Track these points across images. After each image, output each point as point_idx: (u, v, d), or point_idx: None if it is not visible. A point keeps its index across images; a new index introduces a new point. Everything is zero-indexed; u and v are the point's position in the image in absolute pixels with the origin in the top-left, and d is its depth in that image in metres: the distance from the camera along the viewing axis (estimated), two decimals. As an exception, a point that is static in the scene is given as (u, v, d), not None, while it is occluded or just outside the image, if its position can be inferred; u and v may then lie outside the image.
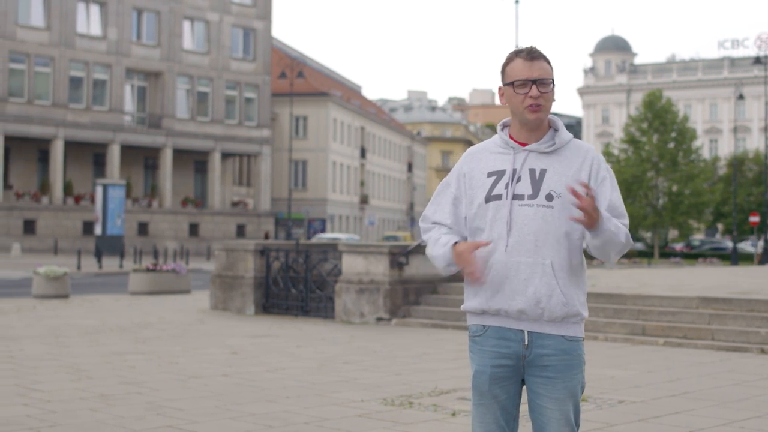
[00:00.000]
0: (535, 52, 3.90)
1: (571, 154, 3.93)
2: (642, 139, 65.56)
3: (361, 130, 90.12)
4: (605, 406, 8.71)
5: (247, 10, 67.37)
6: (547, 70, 3.89)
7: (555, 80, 3.94)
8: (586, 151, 3.96)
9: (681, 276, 23.82)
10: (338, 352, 12.77)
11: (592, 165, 3.93)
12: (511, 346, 3.86)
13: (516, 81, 3.87)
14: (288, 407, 8.54)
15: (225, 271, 19.55)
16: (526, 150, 3.91)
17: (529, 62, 3.87)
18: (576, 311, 3.85)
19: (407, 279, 17.12)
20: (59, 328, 15.46)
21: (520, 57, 3.90)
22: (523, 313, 3.82)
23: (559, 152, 3.92)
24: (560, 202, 3.83)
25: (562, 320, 3.85)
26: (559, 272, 3.83)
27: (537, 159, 3.90)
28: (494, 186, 3.89)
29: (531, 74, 3.86)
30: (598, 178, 3.92)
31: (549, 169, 3.87)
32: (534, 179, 3.86)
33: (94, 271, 37.75)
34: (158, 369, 10.89)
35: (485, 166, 3.95)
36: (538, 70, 3.86)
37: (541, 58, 3.89)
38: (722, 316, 13.95)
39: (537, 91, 3.85)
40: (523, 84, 3.86)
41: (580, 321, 3.90)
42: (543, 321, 3.84)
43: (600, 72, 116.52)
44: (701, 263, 49.12)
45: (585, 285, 3.96)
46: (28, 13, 56.38)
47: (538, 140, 3.93)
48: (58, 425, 7.68)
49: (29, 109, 56.00)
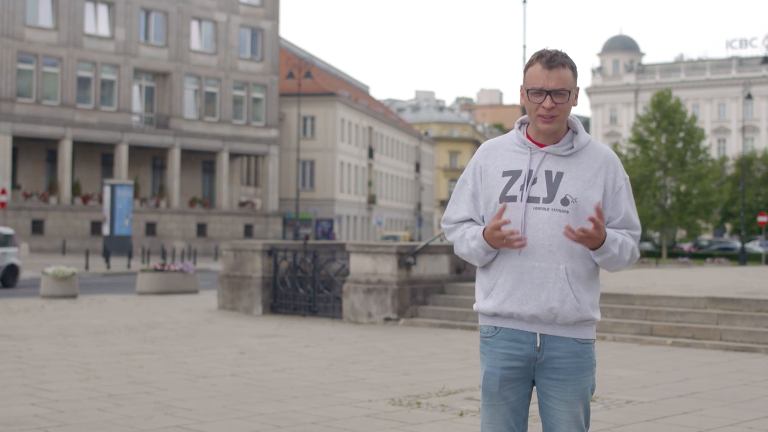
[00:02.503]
0: (555, 59, 3.76)
1: (589, 158, 3.84)
2: (650, 138, 65.45)
3: (368, 130, 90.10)
4: (613, 406, 8.70)
5: (255, 11, 67.40)
6: (566, 79, 3.75)
7: (576, 86, 3.81)
8: (605, 155, 3.87)
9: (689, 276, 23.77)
10: (346, 352, 12.77)
11: (609, 172, 3.84)
12: (523, 348, 3.82)
13: (531, 89, 3.77)
14: (296, 407, 8.55)
15: (233, 271, 19.56)
16: (544, 151, 3.83)
17: (547, 70, 3.75)
18: (589, 315, 3.81)
19: (415, 279, 17.12)
20: (67, 328, 15.48)
21: (540, 62, 3.77)
22: (535, 318, 3.78)
23: (576, 155, 3.84)
24: (575, 207, 3.76)
25: (575, 324, 3.81)
26: (573, 278, 3.78)
27: (554, 161, 3.82)
28: (509, 186, 3.80)
29: (547, 84, 3.73)
30: (615, 188, 3.84)
31: (566, 173, 3.79)
32: (550, 182, 3.79)
33: (102, 271, 37.81)
34: (166, 369, 10.90)
35: (501, 163, 3.86)
36: (555, 80, 3.73)
37: (562, 66, 3.75)
38: (730, 317, 13.93)
39: (551, 102, 3.74)
40: (538, 93, 3.75)
41: (592, 324, 3.86)
42: (556, 324, 3.80)
43: (608, 72, 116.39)
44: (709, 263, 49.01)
45: (599, 289, 3.91)
46: (36, 13, 56.46)
47: (557, 142, 3.84)
48: (67, 425, 7.69)
49: (37, 109, 56.09)
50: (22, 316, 17.65)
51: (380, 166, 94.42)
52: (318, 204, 78.57)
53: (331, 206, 79.55)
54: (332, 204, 79.63)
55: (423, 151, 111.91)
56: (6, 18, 54.70)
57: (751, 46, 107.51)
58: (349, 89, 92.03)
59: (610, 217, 3.85)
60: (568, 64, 3.77)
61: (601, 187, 3.81)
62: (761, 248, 64.50)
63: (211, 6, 64.60)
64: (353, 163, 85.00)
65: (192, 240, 61.70)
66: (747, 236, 71.97)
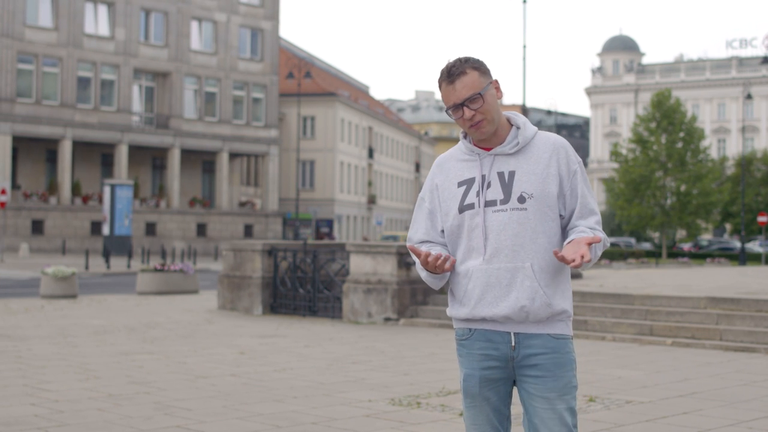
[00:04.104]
0: (452, 71, 3.74)
1: (538, 150, 3.82)
2: (650, 138, 65.39)
3: (368, 130, 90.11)
4: (613, 406, 8.70)
5: (255, 11, 67.42)
6: (472, 83, 3.73)
7: (490, 81, 3.78)
8: (553, 143, 3.85)
9: (689, 276, 23.78)
10: (346, 352, 12.77)
11: (560, 159, 3.82)
12: (499, 348, 3.81)
13: (447, 108, 3.78)
14: (296, 407, 8.55)
15: (233, 271, 19.57)
16: (492, 154, 3.82)
17: (451, 85, 3.75)
18: (561, 309, 3.79)
19: (415, 279, 17.12)
20: (67, 328, 15.49)
21: (443, 81, 3.77)
22: (508, 318, 3.77)
23: (525, 150, 3.82)
24: (534, 203, 3.76)
25: (548, 320, 3.79)
26: (540, 274, 3.76)
27: (504, 162, 3.81)
28: (465, 195, 3.81)
29: (456, 98, 3.73)
30: (570, 172, 3.82)
31: (518, 171, 3.79)
32: (504, 183, 3.78)
33: (101, 271, 37.81)
34: (166, 369, 10.91)
35: (454, 175, 3.88)
36: (461, 90, 3.72)
37: (462, 74, 3.74)
38: (730, 317, 13.93)
39: (470, 111, 3.74)
40: (454, 109, 3.76)
41: (566, 318, 3.84)
42: (528, 322, 3.78)
43: (608, 72, 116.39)
44: (709, 263, 49.02)
45: (569, 282, 3.89)
46: (36, 13, 56.48)
47: (501, 142, 3.83)
48: (66, 425, 7.69)
49: (37, 109, 56.10)
50: (21, 316, 17.65)
51: (380, 166, 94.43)
52: (318, 204, 78.58)
53: (330, 206, 79.56)
54: (332, 204, 79.64)
55: (423, 151, 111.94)
56: (6, 18, 54.72)
57: (751, 46, 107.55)
58: (349, 89, 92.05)
59: (571, 204, 3.83)
60: (470, 67, 3.76)
61: (555, 176, 3.80)
62: (761, 248, 64.50)
63: (211, 6, 64.61)
64: (353, 163, 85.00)
65: (192, 240, 61.71)
66: (747, 236, 71.99)
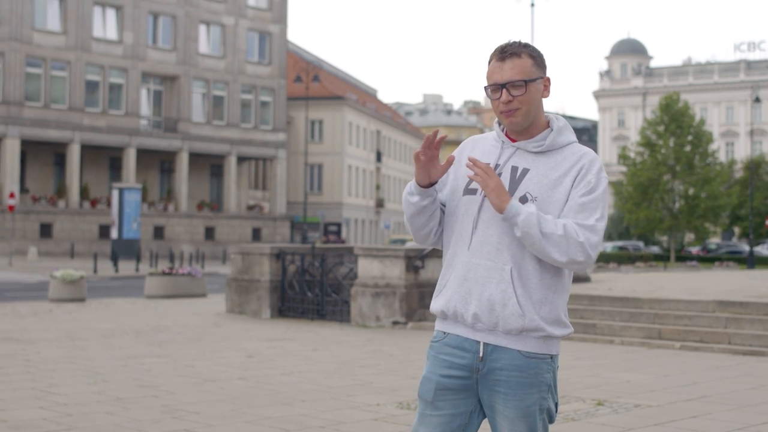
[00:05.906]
0: (507, 49, 3.56)
1: (563, 158, 3.60)
2: (658, 142, 65.25)
3: (376, 134, 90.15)
4: (621, 410, 8.69)
5: (263, 14, 67.49)
6: (522, 68, 3.54)
7: (542, 76, 3.59)
8: (581, 156, 3.60)
9: (697, 279, 23.74)
10: (354, 355, 12.77)
11: (581, 170, 3.57)
12: (466, 357, 3.59)
13: (488, 86, 3.59)
14: (304, 411, 8.55)
15: (241, 275, 19.58)
16: (514, 146, 3.63)
17: (500, 63, 3.56)
18: (536, 326, 3.51)
19: (423, 282, 17.11)
20: (76, 331, 15.50)
21: (494, 57, 3.58)
22: (477, 320, 3.55)
23: (549, 154, 3.61)
24: (536, 207, 3.52)
25: (519, 333, 3.54)
26: (518, 281, 3.52)
27: (523, 157, 3.61)
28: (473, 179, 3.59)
29: (501, 77, 3.54)
30: (582, 182, 3.56)
31: (532, 170, 3.58)
32: (513, 178, 3.58)
33: (110, 274, 37.88)
34: (174, 372, 10.91)
35: (475, 156, 3.67)
36: (509, 71, 3.53)
37: (516, 56, 3.55)
38: (739, 320, 13.90)
39: (508, 95, 3.53)
40: (495, 89, 3.57)
41: (543, 338, 3.56)
42: (498, 332, 3.54)
43: (616, 75, 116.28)
44: (717, 267, 48.94)
45: (558, 301, 3.60)
46: (44, 17, 56.61)
47: (531, 139, 3.63)
48: (75, 428, 7.70)
49: (46, 113, 56.22)
50: (30, 319, 17.68)
51: (388, 170, 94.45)
52: (326, 207, 78.62)
53: (338, 210, 79.59)
54: (340, 207, 79.67)
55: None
56: (14, 22, 54.85)
57: (759, 49, 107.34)
58: (357, 93, 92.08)
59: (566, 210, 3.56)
60: (526, 53, 3.57)
61: (568, 186, 3.56)
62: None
63: (218, 10, 64.70)
64: (361, 167, 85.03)
65: (200, 243, 61.76)
66: (755, 240, 71.80)
